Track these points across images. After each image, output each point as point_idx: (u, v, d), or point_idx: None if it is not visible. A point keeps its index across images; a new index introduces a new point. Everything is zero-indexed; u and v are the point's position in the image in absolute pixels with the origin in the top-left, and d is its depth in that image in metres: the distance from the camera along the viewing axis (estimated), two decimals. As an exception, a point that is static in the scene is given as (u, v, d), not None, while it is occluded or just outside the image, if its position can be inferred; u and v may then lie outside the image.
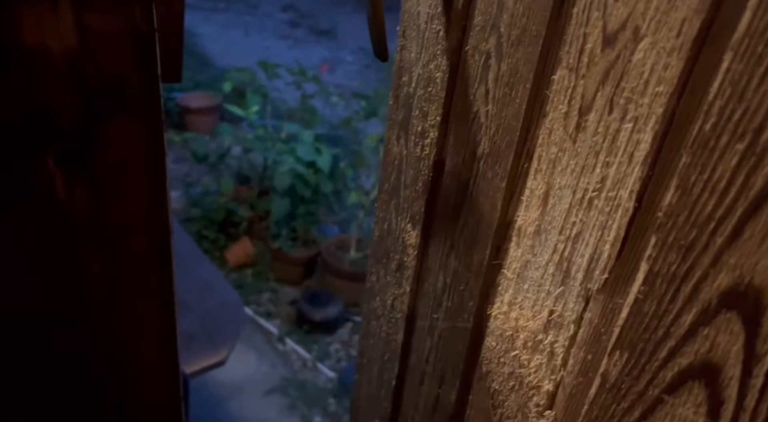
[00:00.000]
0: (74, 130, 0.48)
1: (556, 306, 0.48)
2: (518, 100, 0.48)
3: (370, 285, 0.79)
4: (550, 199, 0.46)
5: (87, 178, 0.51)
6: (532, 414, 0.51)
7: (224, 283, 1.56)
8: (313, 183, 2.51)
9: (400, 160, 0.67)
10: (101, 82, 0.47)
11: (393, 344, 0.74)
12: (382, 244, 0.75)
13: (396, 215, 0.70)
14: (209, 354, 1.29)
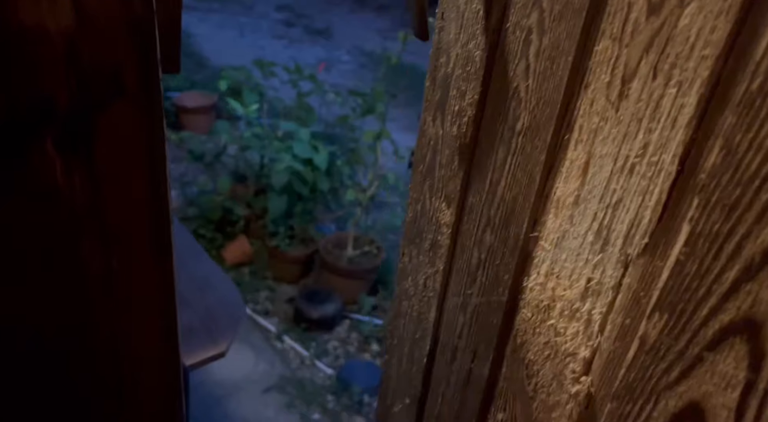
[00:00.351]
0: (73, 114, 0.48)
1: (594, 274, 0.49)
2: (560, 73, 0.49)
3: (402, 266, 0.81)
4: (590, 169, 0.48)
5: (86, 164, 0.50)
6: (567, 381, 0.52)
7: (223, 278, 1.55)
8: (310, 181, 2.53)
9: (436, 140, 0.69)
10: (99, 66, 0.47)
11: (425, 322, 0.76)
12: (415, 225, 0.76)
13: (430, 195, 0.72)
14: (209, 346, 1.29)
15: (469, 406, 0.67)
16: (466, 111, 0.62)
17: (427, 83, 0.69)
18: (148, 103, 0.50)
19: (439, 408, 0.74)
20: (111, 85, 0.48)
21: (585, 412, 0.51)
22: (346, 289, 2.53)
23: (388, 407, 0.86)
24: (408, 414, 0.80)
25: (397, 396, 0.83)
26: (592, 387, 0.50)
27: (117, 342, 0.62)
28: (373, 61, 5.36)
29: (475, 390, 0.66)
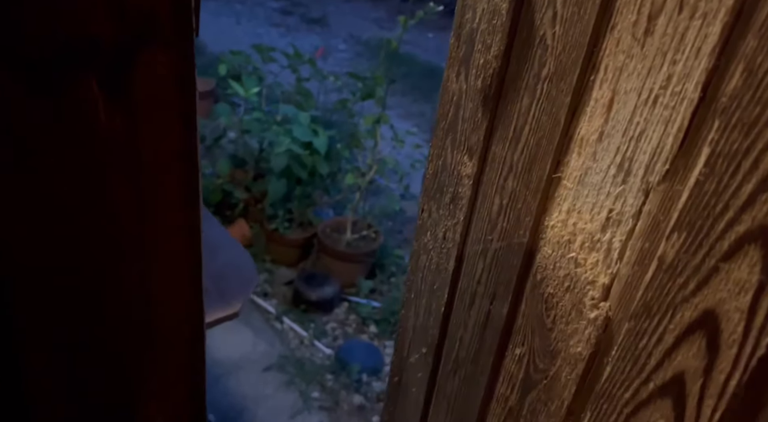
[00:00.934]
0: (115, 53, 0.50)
1: (615, 205, 0.52)
2: (586, 17, 0.53)
3: (421, 223, 0.84)
4: (614, 105, 0.51)
5: (126, 104, 0.52)
6: (586, 308, 0.56)
7: (233, 242, 1.57)
8: (309, 165, 2.55)
9: (459, 95, 0.72)
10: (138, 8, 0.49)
11: (443, 273, 0.79)
12: (436, 180, 0.80)
13: (452, 150, 0.75)
14: (221, 307, 1.30)
15: (487, 346, 0.71)
16: (492, 63, 0.66)
17: (452, 40, 0.73)
18: (182, 45, 0.52)
19: (456, 353, 0.77)
20: (147, 26, 0.51)
21: (603, 335, 0.54)
22: (344, 272, 2.56)
23: (404, 358, 0.90)
24: (425, 362, 0.84)
25: (414, 347, 0.87)
26: (610, 311, 0.53)
27: (147, 286, 0.64)
28: (370, 49, 5.40)
29: (493, 330, 0.69)
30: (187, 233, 0.63)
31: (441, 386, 0.82)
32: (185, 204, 0.61)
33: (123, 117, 0.54)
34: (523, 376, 0.65)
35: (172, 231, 0.62)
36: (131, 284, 0.63)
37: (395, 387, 0.94)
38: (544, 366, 0.62)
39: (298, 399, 2.08)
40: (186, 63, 0.54)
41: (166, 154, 0.58)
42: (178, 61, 0.53)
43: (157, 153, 0.57)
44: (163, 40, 0.51)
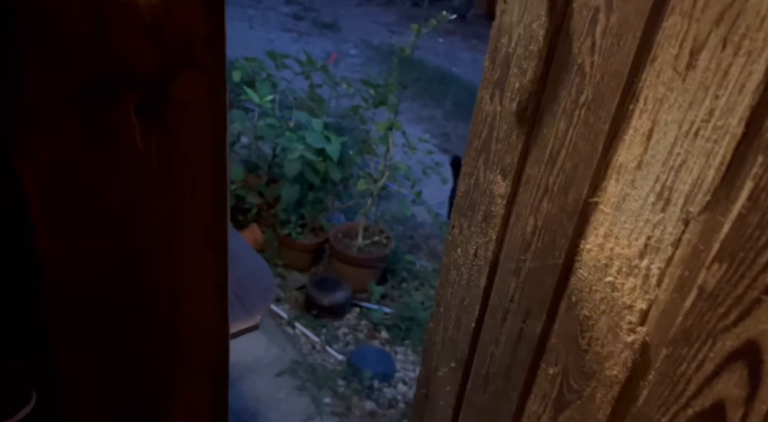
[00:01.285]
0: (152, 81, 0.52)
1: (654, 232, 0.53)
2: (626, 48, 0.54)
3: (451, 238, 0.85)
4: (654, 135, 0.52)
5: (161, 127, 0.54)
6: (623, 332, 0.57)
7: (251, 252, 1.58)
8: (322, 170, 2.56)
9: (493, 116, 0.74)
10: (176, 35, 0.51)
11: (474, 289, 0.80)
12: (468, 198, 0.81)
13: (485, 169, 0.77)
14: (243, 318, 1.33)
15: (518, 364, 0.72)
16: (527, 87, 0.67)
17: (487, 63, 0.74)
18: (215, 72, 0.55)
19: (487, 368, 0.78)
20: (184, 53, 0.53)
21: (639, 359, 0.55)
22: (355, 278, 2.57)
23: (432, 371, 0.91)
24: (454, 376, 0.85)
25: (442, 361, 0.88)
26: (647, 336, 0.55)
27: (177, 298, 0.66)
28: (380, 54, 5.42)
29: (525, 348, 0.71)
30: (215, 248, 0.65)
31: (470, 400, 0.83)
32: (214, 220, 0.63)
33: (158, 141, 0.56)
34: (557, 395, 0.67)
35: (201, 246, 0.64)
36: (162, 297, 0.65)
37: (422, 400, 0.95)
38: (579, 387, 0.63)
39: (310, 404, 2.09)
40: (218, 85, 0.56)
41: (198, 173, 0.60)
42: (211, 84, 0.55)
43: (189, 173, 0.59)
44: (198, 65, 0.54)
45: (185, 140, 0.57)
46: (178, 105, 0.54)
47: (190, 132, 0.56)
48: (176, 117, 0.55)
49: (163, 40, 0.51)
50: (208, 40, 0.52)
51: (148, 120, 0.55)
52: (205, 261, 0.66)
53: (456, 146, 4.13)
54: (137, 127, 0.56)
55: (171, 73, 0.53)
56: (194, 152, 0.57)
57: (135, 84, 0.52)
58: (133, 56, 0.51)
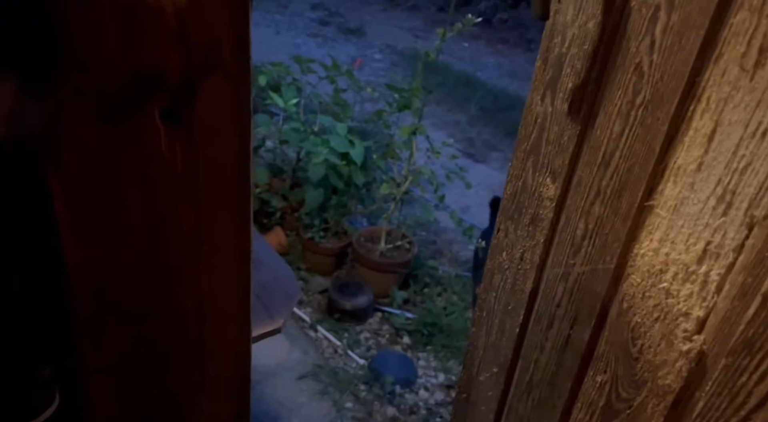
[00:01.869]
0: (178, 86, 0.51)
1: (714, 237, 0.51)
2: (688, 47, 0.52)
3: (496, 242, 0.84)
4: (716, 136, 0.50)
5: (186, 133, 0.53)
6: (678, 340, 0.55)
7: (276, 257, 1.57)
8: (346, 175, 2.55)
9: (544, 117, 0.73)
10: (202, 40, 0.50)
11: (520, 293, 0.79)
12: (514, 201, 0.80)
13: (533, 171, 0.75)
14: (266, 322, 1.32)
15: (565, 371, 0.70)
16: (581, 88, 0.66)
17: (538, 64, 0.73)
18: (241, 76, 0.53)
19: (531, 374, 0.77)
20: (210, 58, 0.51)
21: (695, 368, 0.53)
22: (377, 282, 2.55)
23: (473, 376, 0.90)
24: (496, 381, 0.84)
25: (484, 366, 0.87)
26: (704, 345, 0.53)
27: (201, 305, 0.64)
28: (405, 59, 5.41)
29: (573, 355, 0.69)
30: (238, 255, 0.64)
31: (513, 406, 0.82)
32: (238, 228, 0.62)
33: (183, 147, 0.55)
34: (604, 404, 0.65)
35: (225, 253, 0.63)
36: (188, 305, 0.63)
37: (462, 404, 0.94)
38: (628, 396, 0.61)
39: (332, 408, 2.07)
40: (244, 91, 0.54)
41: (223, 180, 0.58)
42: (237, 90, 0.54)
43: (214, 180, 0.58)
44: (224, 70, 0.52)
45: (210, 147, 0.56)
46: (204, 111, 0.53)
47: (216, 138, 0.56)
48: (201, 123, 0.54)
49: (189, 44, 0.51)
50: (234, 45, 0.52)
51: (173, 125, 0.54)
52: (230, 269, 0.65)
53: (480, 150, 4.08)
54: (162, 133, 0.53)
55: (197, 78, 0.52)
56: (219, 159, 0.57)
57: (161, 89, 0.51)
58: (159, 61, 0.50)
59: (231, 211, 0.60)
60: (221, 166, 0.57)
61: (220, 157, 0.56)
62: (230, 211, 0.60)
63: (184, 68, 0.50)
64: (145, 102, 0.51)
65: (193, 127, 0.54)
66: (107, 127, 0.51)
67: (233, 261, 0.64)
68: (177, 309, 0.63)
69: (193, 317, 0.65)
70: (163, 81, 0.50)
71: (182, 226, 0.58)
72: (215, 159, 0.56)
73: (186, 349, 0.67)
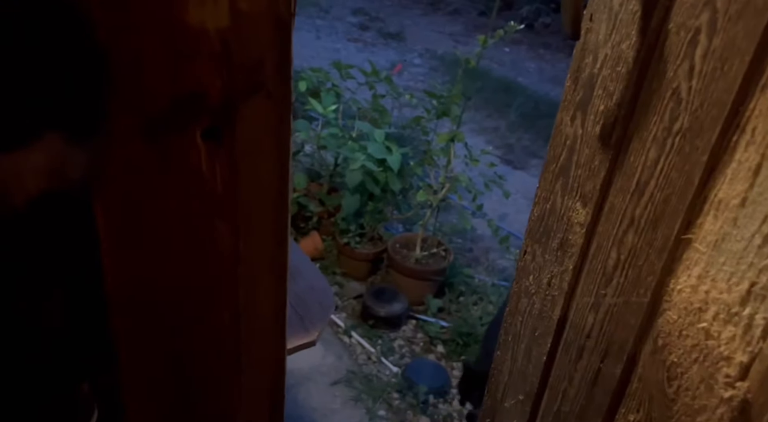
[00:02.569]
0: (220, 106, 0.51)
1: (759, 278, 0.48)
2: (732, 73, 0.49)
3: (523, 264, 0.81)
4: (763, 170, 0.47)
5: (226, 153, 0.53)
6: (719, 386, 0.51)
7: (312, 268, 1.58)
8: (382, 181, 2.55)
9: (574, 139, 0.70)
10: (245, 61, 0.50)
11: (547, 320, 0.76)
12: (542, 224, 0.77)
13: (562, 194, 0.72)
14: (301, 334, 1.32)
15: (595, 406, 0.67)
16: (613, 111, 0.63)
17: (568, 83, 0.70)
18: (283, 96, 0.53)
19: (558, 406, 0.74)
20: (253, 78, 0.52)
21: (739, 417, 0.50)
22: (412, 290, 2.54)
23: (498, 402, 0.87)
24: (522, 410, 0.81)
25: (510, 392, 0.84)
26: (749, 393, 0.49)
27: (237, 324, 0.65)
28: (445, 64, 5.38)
29: (603, 390, 0.66)
30: (275, 273, 0.65)
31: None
32: (276, 245, 0.63)
33: (222, 166, 0.55)
34: (638, 444, 0.62)
35: (262, 272, 0.64)
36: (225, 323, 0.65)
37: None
38: (664, 438, 0.58)
39: (365, 416, 2.07)
40: (284, 111, 0.55)
41: (261, 200, 0.59)
42: (278, 109, 0.54)
43: (252, 199, 0.58)
44: (266, 91, 0.53)
45: (249, 166, 0.56)
46: (244, 131, 0.54)
47: (255, 158, 0.56)
48: (242, 143, 0.54)
49: (232, 66, 0.51)
50: (275, 65, 0.52)
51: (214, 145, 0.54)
52: (267, 286, 0.66)
53: (519, 157, 4.02)
54: (203, 152, 0.54)
55: (238, 98, 0.52)
56: (258, 178, 0.57)
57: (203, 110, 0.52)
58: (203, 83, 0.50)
59: (269, 229, 0.60)
60: (260, 185, 0.57)
61: (259, 177, 0.57)
62: (268, 228, 0.60)
63: (227, 89, 0.51)
64: (188, 123, 0.51)
65: (234, 146, 0.54)
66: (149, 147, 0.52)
67: (270, 278, 0.64)
68: (214, 324, 0.64)
69: (230, 332, 0.65)
70: (206, 102, 0.51)
71: (221, 244, 0.59)
72: (254, 178, 0.56)
73: (222, 364, 0.67)
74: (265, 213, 0.59)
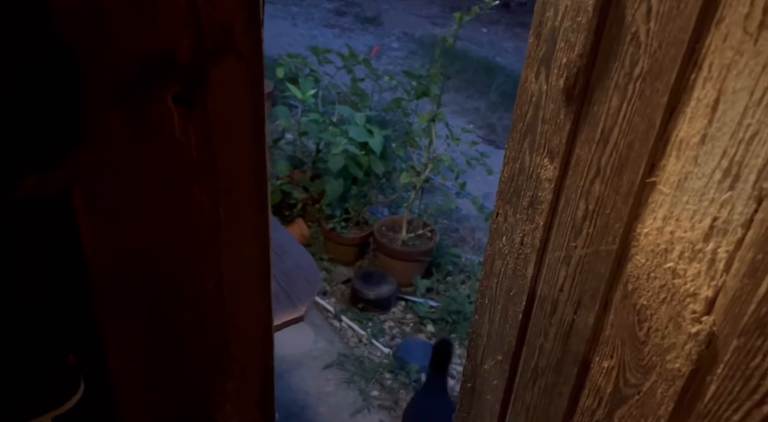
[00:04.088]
0: (190, 69, 0.50)
1: (720, 213, 0.49)
2: (687, 11, 0.49)
3: (495, 227, 0.82)
4: (720, 106, 0.48)
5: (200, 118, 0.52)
6: (686, 322, 0.52)
7: (298, 246, 1.58)
8: (365, 164, 2.55)
9: (539, 95, 0.70)
10: (214, 22, 0.49)
11: (521, 279, 0.77)
12: (512, 184, 0.77)
13: (530, 152, 0.73)
14: (289, 310, 1.33)
15: (570, 356, 0.68)
16: (576, 62, 0.63)
17: (531, 39, 0.70)
18: (254, 58, 0.52)
19: (535, 361, 0.75)
20: (222, 40, 0.50)
21: (706, 351, 0.51)
22: (400, 271, 2.56)
23: (477, 365, 0.88)
24: (501, 369, 0.82)
25: (489, 354, 0.85)
26: (714, 326, 0.50)
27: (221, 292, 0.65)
28: (423, 47, 5.36)
29: (578, 340, 0.67)
30: (257, 240, 0.64)
31: (519, 395, 0.80)
32: (256, 212, 0.62)
33: (197, 132, 0.54)
34: (612, 390, 0.62)
35: (244, 239, 0.63)
36: (209, 292, 0.64)
37: (468, 393, 0.92)
38: (636, 381, 0.59)
39: (358, 397, 2.09)
40: (257, 73, 0.53)
41: (238, 164, 0.58)
42: (250, 72, 0.53)
43: (229, 164, 0.57)
44: (237, 53, 0.51)
45: (225, 130, 0.55)
46: (217, 94, 0.52)
47: (230, 122, 0.55)
48: (215, 106, 0.53)
49: (200, 25, 0.50)
50: (245, 26, 0.51)
51: (187, 109, 0.53)
52: (250, 253, 0.65)
53: (501, 136, 4.04)
54: (176, 117, 0.53)
55: (208, 60, 0.51)
56: (234, 143, 0.56)
57: (172, 72, 0.50)
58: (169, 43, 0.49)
59: (248, 194, 0.59)
60: (236, 150, 0.56)
61: (236, 141, 0.55)
62: (247, 194, 0.59)
63: (195, 50, 0.49)
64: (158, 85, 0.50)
65: (207, 110, 0.53)
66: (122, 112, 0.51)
67: (253, 245, 0.63)
68: (198, 293, 0.63)
69: (215, 301, 0.65)
70: (174, 64, 0.49)
71: (200, 210, 0.58)
72: (230, 143, 0.55)
73: (208, 333, 0.67)
74: (243, 179, 0.58)
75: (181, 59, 0.50)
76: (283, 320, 1.27)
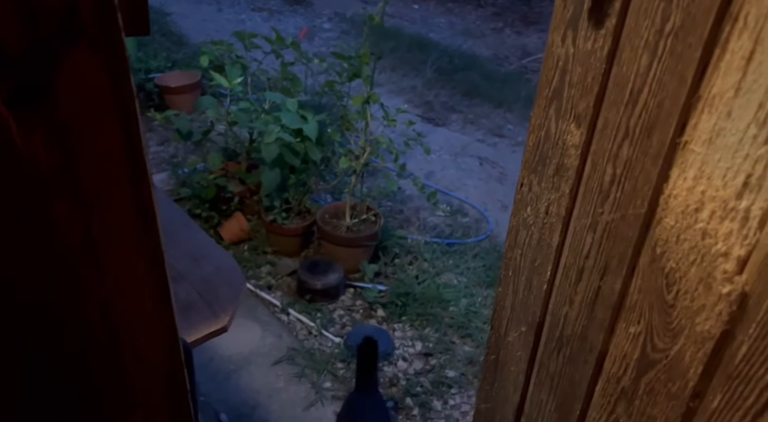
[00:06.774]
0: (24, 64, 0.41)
1: (755, 169, 0.47)
2: (723, -39, 0.48)
3: (520, 197, 0.81)
4: (756, 57, 0.46)
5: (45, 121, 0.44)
6: (717, 283, 0.51)
7: (218, 249, 1.48)
8: (301, 152, 2.44)
9: (566, 59, 0.68)
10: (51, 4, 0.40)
11: (546, 249, 0.76)
12: (537, 152, 0.76)
13: (556, 119, 0.72)
14: (211, 321, 1.22)
15: (596, 324, 0.67)
16: (604, 21, 0.61)
17: (557, 2, 0.69)
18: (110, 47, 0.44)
19: (560, 330, 0.74)
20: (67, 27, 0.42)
21: (737, 312, 0.50)
22: (346, 258, 2.49)
23: (501, 337, 0.87)
24: (525, 340, 0.81)
25: (513, 325, 0.84)
26: (746, 285, 0.49)
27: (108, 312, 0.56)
28: (355, 27, 5.16)
29: (604, 307, 0.66)
30: (145, 254, 0.55)
31: (543, 364, 0.79)
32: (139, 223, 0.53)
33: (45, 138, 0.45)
34: (639, 356, 0.61)
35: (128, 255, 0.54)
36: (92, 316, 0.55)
37: (492, 365, 0.91)
38: (664, 346, 0.58)
39: (311, 390, 2.03)
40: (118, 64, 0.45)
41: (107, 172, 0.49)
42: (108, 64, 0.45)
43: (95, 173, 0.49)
44: (88, 40, 0.43)
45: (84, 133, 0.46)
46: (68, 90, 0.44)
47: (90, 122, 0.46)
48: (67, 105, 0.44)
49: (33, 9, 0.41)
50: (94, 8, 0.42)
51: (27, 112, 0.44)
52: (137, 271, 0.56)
53: (439, 114, 3.89)
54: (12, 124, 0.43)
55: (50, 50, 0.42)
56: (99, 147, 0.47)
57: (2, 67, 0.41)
58: None
59: (126, 207, 0.50)
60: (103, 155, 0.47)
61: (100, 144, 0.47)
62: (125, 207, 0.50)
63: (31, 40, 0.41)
64: None
65: (56, 111, 0.44)
66: None
67: (139, 261, 0.54)
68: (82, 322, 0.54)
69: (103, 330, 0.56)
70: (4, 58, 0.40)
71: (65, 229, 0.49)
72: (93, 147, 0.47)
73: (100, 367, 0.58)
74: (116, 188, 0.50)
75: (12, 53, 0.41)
76: (204, 333, 1.17)
